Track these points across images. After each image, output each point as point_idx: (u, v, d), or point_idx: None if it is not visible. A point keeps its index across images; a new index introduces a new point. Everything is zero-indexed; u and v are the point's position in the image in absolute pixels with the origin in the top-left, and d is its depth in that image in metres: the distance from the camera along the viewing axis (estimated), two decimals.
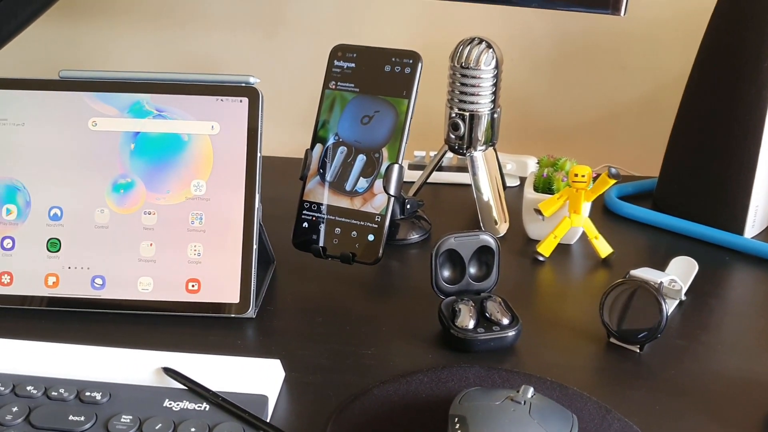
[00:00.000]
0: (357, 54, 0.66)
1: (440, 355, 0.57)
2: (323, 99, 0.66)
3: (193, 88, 0.61)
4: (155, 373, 0.51)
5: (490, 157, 0.73)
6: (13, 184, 0.61)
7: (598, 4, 0.67)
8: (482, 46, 0.69)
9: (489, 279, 0.60)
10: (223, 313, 0.60)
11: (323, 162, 0.65)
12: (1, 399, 0.49)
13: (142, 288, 0.60)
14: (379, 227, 0.63)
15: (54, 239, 0.60)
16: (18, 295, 0.60)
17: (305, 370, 0.55)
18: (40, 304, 0.60)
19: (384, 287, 0.67)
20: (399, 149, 0.63)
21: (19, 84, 0.61)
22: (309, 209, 0.65)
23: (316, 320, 0.61)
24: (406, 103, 0.63)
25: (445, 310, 0.58)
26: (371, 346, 0.58)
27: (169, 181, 0.60)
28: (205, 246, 0.60)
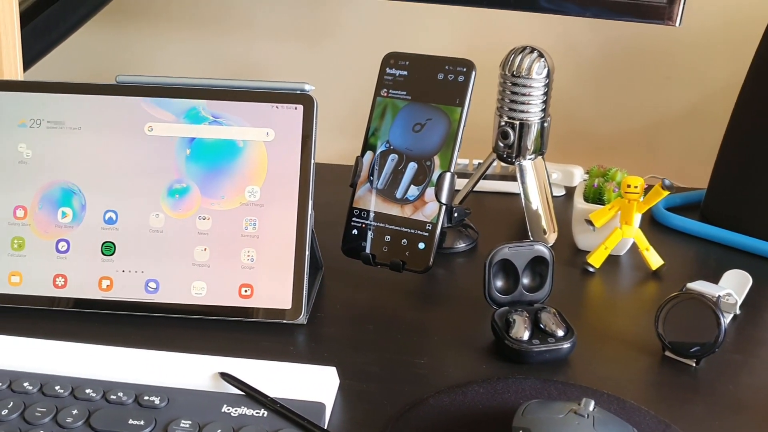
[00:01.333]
0: (409, 62, 0.65)
1: (494, 366, 0.56)
2: (374, 106, 0.66)
3: (248, 94, 0.61)
4: (212, 378, 0.51)
5: (539, 167, 0.73)
6: (69, 188, 0.61)
7: (653, 15, 0.66)
8: (534, 54, 0.69)
9: (542, 290, 0.60)
10: (275, 319, 0.60)
11: (373, 169, 0.65)
12: (61, 402, 0.49)
13: (196, 292, 0.60)
14: (430, 235, 0.62)
15: (108, 243, 0.61)
16: (72, 297, 0.60)
17: (359, 377, 0.55)
18: (93, 307, 0.60)
19: (432, 296, 0.66)
20: (451, 157, 0.63)
21: (77, 88, 0.62)
22: (358, 216, 0.65)
23: (367, 328, 0.61)
24: (459, 111, 0.63)
25: (499, 320, 0.58)
26: (423, 355, 0.57)
27: (224, 187, 0.61)
28: (258, 252, 0.60)
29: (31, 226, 0.61)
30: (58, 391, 0.50)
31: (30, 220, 0.61)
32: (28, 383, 0.50)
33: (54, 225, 0.61)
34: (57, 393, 0.49)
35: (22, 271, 0.61)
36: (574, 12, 0.69)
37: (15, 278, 0.61)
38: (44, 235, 0.61)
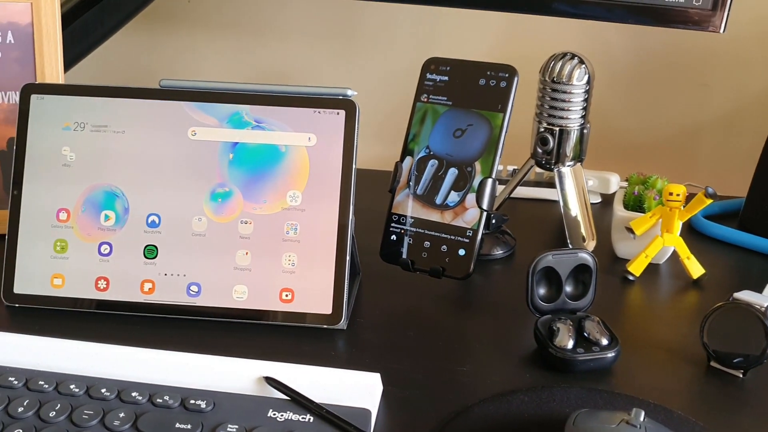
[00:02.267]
0: (450, 67, 0.65)
1: (537, 374, 0.56)
2: (414, 112, 0.66)
3: (291, 99, 0.61)
4: (257, 382, 0.51)
5: (577, 173, 0.72)
6: (112, 191, 0.62)
7: (697, 22, 0.66)
8: (575, 61, 0.69)
9: (585, 298, 0.59)
10: (316, 324, 0.60)
11: (413, 175, 0.65)
12: (108, 404, 0.49)
13: (237, 296, 0.60)
14: (471, 242, 0.62)
15: (151, 246, 0.61)
16: (114, 300, 0.61)
17: (401, 384, 0.54)
18: (135, 311, 0.61)
19: (471, 302, 0.66)
20: (493, 163, 0.62)
21: (121, 92, 0.62)
22: (397, 222, 0.65)
23: (408, 334, 0.60)
24: (501, 117, 0.63)
25: (542, 328, 0.57)
26: (465, 363, 0.57)
27: (266, 192, 0.61)
28: (299, 256, 0.60)
29: (74, 229, 0.61)
30: (104, 394, 0.50)
31: (73, 222, 0.61)
32: (74, 386, 0.50)
33: (97, 228, 0.61)
34: (103, 396, 0.50)
35: (65, 273, 0.61)
36: (616, 19, 0.68)
37: (57, 280, 0.61)
38: (87, 238, 0.61)
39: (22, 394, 0.50)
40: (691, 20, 0.66)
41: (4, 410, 0.49)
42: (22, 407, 0.49)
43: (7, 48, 0.72)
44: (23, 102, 0.62)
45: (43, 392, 0.50)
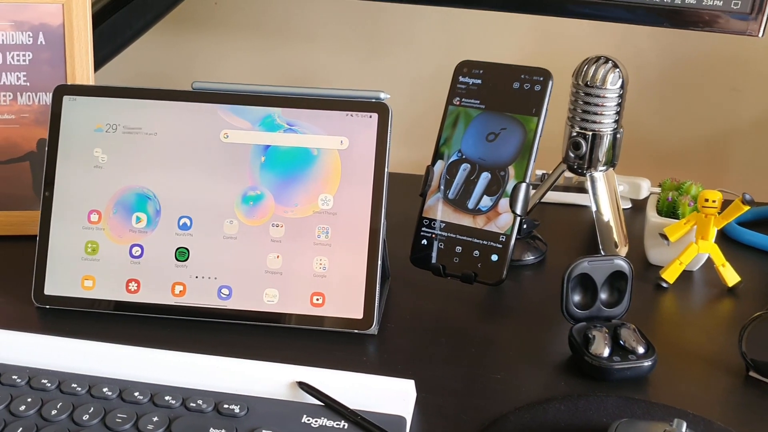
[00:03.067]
0: (483, 70, 0.65)
1: (572, 382, 0.55)
2: (446, 115, 0.65)
3: (323, 102, 0.61)
4: (290, 387, 0.51)
5: (610, 179, 0.71)
6: (144, 193, 0.61)
7: (736, 27, 0.64)
8: (609, 65, 0.68)
9: (620, 305, 0.58)
10: (346, 329, 0.59)
11: (444, 179, 0.64)
12: (141, 408, 0.49)
13: (268, 300, 0.60)
14: (504, 247, 0.61)
15: (182, 248, 0.61)
16: (145, 302, 0.60)
17: (435, 391, 0.54)
18: (166, 313, 0.60)
19: (502, 309, 0.65)
20: (527, 168, 0.62)
21: (153, 94, 0.62)
22: (428, 226, 0.64)
23: (440, 340, 0.60)
24: (536, 121, 0.62)
25: (577, 336, 0.57)
26: (499, 370, 0.56)
27: (298, 195, 0.60)
28: (330, 260, 0.60)
29: (105, 231, 0.61)
30: (137, 398, 0.49)
31: (104, 224, 0.61)
32: (107, 389, 0.50)
33: (128, 230, 0.61)
34: (136, 399, 0.49)
35: (95, 275, 0.61)
36: (650, 22, 0.67)
37: (88, 282, 0.61)
38: (118, 240, 0.61)
39: (54, 397, 0.50)
40: (729, 25, 0.65)
41: (37, 413, 0.48)
42: (56, 410, 0.48)
43: (39, 49, 0.72)
44: (55, 103, 0.62)
45: (75, 395, 0.50)
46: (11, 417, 0.48)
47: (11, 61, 0.72)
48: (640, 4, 0.67)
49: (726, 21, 0.65)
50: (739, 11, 0.64)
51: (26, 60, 0.72)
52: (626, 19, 0.68)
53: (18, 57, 0.72)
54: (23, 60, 0.72)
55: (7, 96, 0.72)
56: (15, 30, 0.72)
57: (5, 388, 0.50)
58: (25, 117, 0.72)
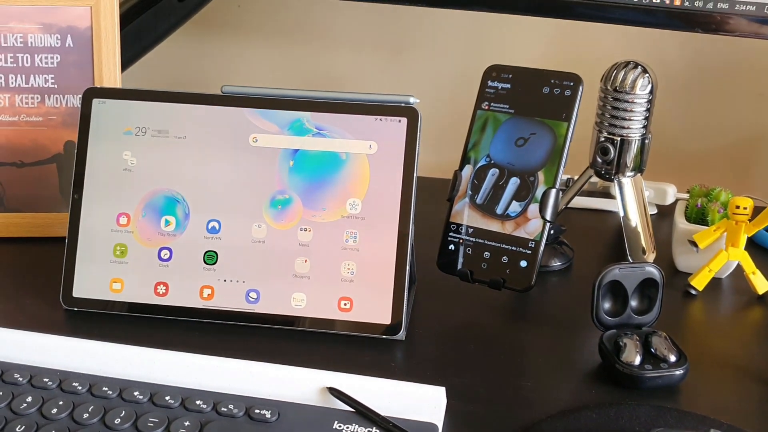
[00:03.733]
0: (512, 74, 0.64)
1: (603, 390, 0.55)
2: (474, 119, 0.65)
3: (352, 107, 0.60)
4: (320, 392, 0.51)
5: (638, 184, 0.71)
6: (173, 196, 0.61)
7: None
8: (638, 70, 0.67)
9: (650, 313, 0.58)
10: (374, 334, 0.59)
11: (472, 183, 0.64)
12: (172, 412, 0.49)
13: (296, 304, 0.60)
14: (533, 253, 0.61)
15: (211, 252, 0.61)
16: (173, 305, 0.60)
17: (464, 398, 0.53)
18: (194, 316, 0.60)
19: (530, 315, 0.65)
20: (556, 173, 0.61)
21: (183, 98, 0.62)
22: (456, 231, 0.64)
23: (468, 347, 0.59)
24: (566, 126, 0.61)
25: (608, 343, 0.56)
26: (529, 378, 0.56)
27: (326, 199, 0.60)
28: (358, 265, 0.60)
29: (134, 234, 0.61)
30: (168, 402, 0.49)
31: (133, 227, 0.61)
32: (137, 392, 0.50)
33: (157, 233, 0.61)
34: (168, 403, 0.49)
35: (124, 278, 0.61)
36: (681, 27, 0.67)
37: (116, 285, 0.61)
38: (147, 243, 0.61)
39: (85, 400, 0.50)
40: (762, 30, 0.64)
41: (69, 416, 0.49)
42: (87, 413, 0.48)
43: (66, 52, 0.72)
44: (85, 106, 0.62)
45: (106, 398, 0.50)
46: (43, 420, 0.48)
47: (39, 63, 0.72)
48: (672, 9, 0.66)
49: (758, 26, 0.65)
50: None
51: (54, 62, 0.72)
52: (657, 24, 0.68)
53: (46, 59, 0.72)
54: (51, 62, 0.72)
55: (35, 98, 0.72)
56: (43, 32, 0.72)
57: (37, 391, 0.50)
58: (52, 119, 0.73)
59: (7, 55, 0.72)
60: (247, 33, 1.00)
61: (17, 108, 0.72)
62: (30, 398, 0.50)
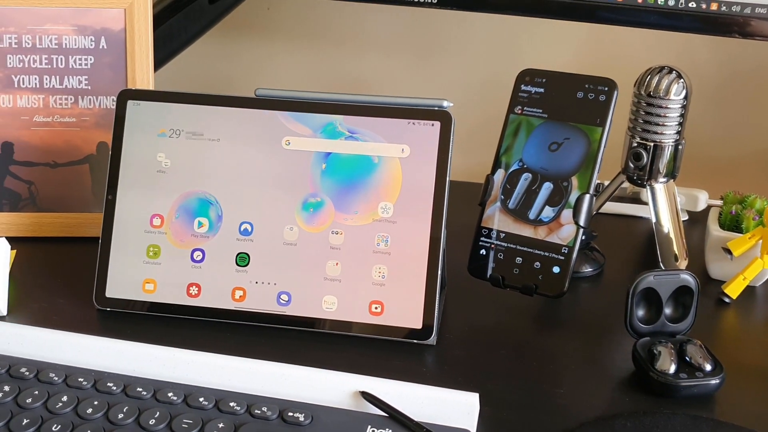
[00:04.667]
0: (546, 79, 0.64)
1: (637, 398, 0.54)
2: (507, 123, 0.65)
3: (385, 110, 0.60)
4: (353, 396, 0.51)
5: (670, 190, 0.70)
6: (206, 198, 0.62)
7: None
8: (672, 75, 0.67)
9: (685, 321, 0.57)
10: (405, 338, 0.59)
11: (505, 188, 0.64)
12: (206, 414, 0.49)
13: (327, 307, 0.60)
14: (566, 259, 0.60)
15: (243, 254, 0.61)
16: (205, 307, 0.61)
17: (497, 405, 0.53)
18: (226, 317, 0.61)
19: (561, 321, 0.64)
20: (590, 179, 0.61)
21: (217, 100, 0.62)
22: (487, 236, 0.64)
23: (499, 353, 0.59)
24: (600, 131, 0.61)
25: (642, 351, 0.56)
26: (562, 385, 0.56)
27: (358, 202, 0.60)
28: (389, 269, 0.59)
29: (167, 235, 0.62)
30: (202, 403, 0.50)
31: (166, 228, 0.62)
32: (172, 393, 0.50)
33: (190, 234, 0.61)
34: (202, 405, 0.50)
35: (157, 279, 0.61)
36: (717, 32, 0.66)
37: (149, 286, 0.62)
38: (180, 244, 0.61)
39: (120, 401, 0.50)
40: None
41: (104, 416, 0.49)
42: (122, 414, 0.49)
43: (100, 53, 0.73)
44: (119, 107, 0.63)
45: (141, 399, 0.50)
46: (79, 419, 0.49)
47: (73, 64, 0.73)
48: (709, 14, 0.66)
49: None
50: None
51: (88, 64, 0.73)
52: (693, 29, 0.67)
53: (80, 61, 0.73)
54: (85, 64, 0.73)
55: (69, 99, 0.73)
56: (78, 34, 0.73)
57: (72, 391, 0.51)
58: (85, 120, 0.73)
59: (41, 57, 0.73)
60: (276, 35, 1.00)
61: (51, 109, 0.73)
62: (65, 398, 0.50)
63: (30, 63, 0.73)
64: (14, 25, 0.72)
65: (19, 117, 0.73)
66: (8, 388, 0.51)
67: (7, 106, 0.73)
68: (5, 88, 0.73)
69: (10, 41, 0.72)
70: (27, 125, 0.73)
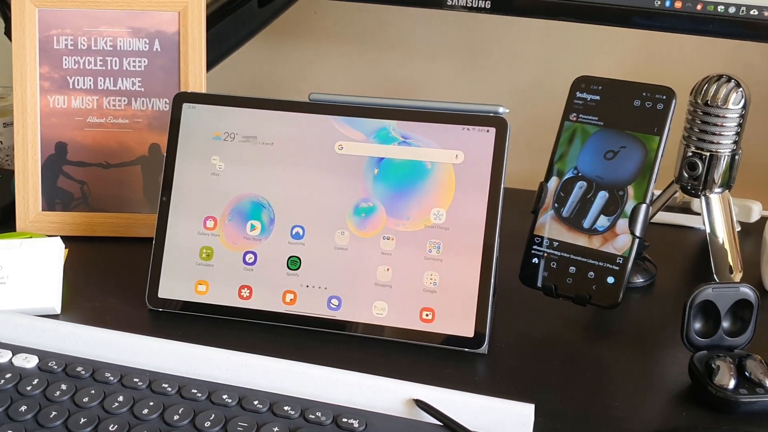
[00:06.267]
0: (602, 86, 0.63)
1: (694, 413, 0.53)
2: (561, 130, 0.64)
3: (440, 116, 0.60)
4: (406, 404, 0.50)
5: (725, 201, 0.69)
6: (259, 201, 0.62)
7: None
8: (731, 84, 0.65)
9: (743, 335, 0.56)
10: (456, 347, 0.58)
11: (559, 196, 0.63)
12: (260, 417, 0.49)
13: (377, 312, 0.60)
14: (621, 269, 0.60)
15: (294, 257, 0.61)
16: (256, 309, 0.61)
17: (551, 416, 0.52)
18: (276, 320, 0.61)
19: (613, 332, 0.63)
20: (647, 188, 0.60)
21: (271, 104, 0.62)
22: (540, 244, 0.63)
23: (552, 363, 0.58)
24: (657, 140, 0.60)
25: (699, 365, 0.55)
26: (616, 397, 0.55)
27: (410, 208, 0.60)
28: (441, 276, 0.59)
29: (220, 237, 0.62)
30: (257, 407, 0.50)
31: (219, 231, 0.62)
32: (226, 396, 0.51)
33: (242, 237, 0.62)
34: (256, 408, 0.50)
35: (209, 280, 0.62)
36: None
37: (201, 287, 0.62)
38: (233, 247, 0.62)
39: (175, 402, 0.50)
40: None
41: (159, 417, 0.49)
42: (177, 415, 0.49)
43: (154, 56, 0.74)
44: (175, 110, 0.63)
45: (195, 401, 0.50)
46: (135, 420, 0.49)
47: (127, 66, 0.74)
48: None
49: None
50: None
51: (142, 66, 0.74)
52: (751, 36, 0.66)
53: (134, 63, 0.74)
54: (139, 66, 0.74)
55: (122, 101, 0.74)
56: (132, 36, 0.73)
57: (128, 391, 0.51)
58: (138, 122, 0.74)
59: (96, 58, 0.74)
60: (322, 39, 1.01)
61: (105, 110, 0.74)
62: (121, 398, 0.50)
63: (85, 64, 0.74)
64: (70, 27, 0.73)
65: (73, 118, 0.74)
66: (65, 386, 0.51)
67: (61, 107, 0.74)
68: (60, 89, 0.74)
69: (66, 43, 0.73)
70: (81, 126, 0.74)
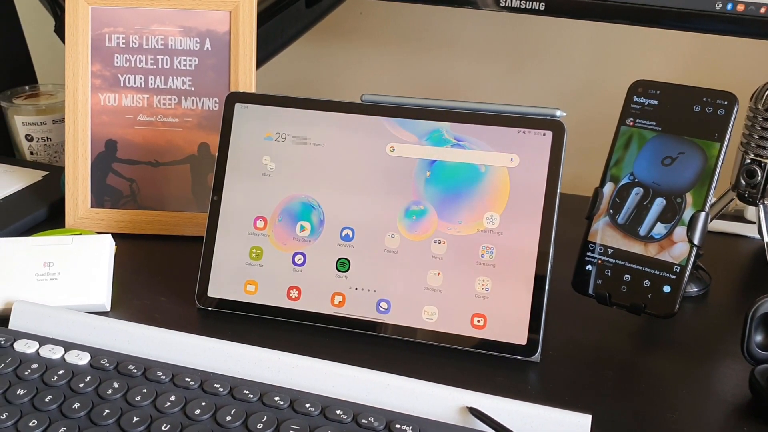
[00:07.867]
0: (660, 91, 0.62)
1: (755, 427, 0.51)
2: (618, 135, 0.63)
3: (494, 118, 0.59)
4: (458, 411, 0.50)
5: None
6: (309, 202, 0.62)
7: None
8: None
9: None
10: (508, 354, 0.57)
11: (614, 202, 0.62)
12: (312, 421, 0.49)
13: (427, 317, 0.59)
14: (678, 279, 0.58)
15: (344, 259, 0.61)
16: (305, 310, 0.61)
17: (608, 427, 0.51)
18: (325, 322, 0.60)
19: (668, 342, 0.62)
20: (706, 196, 0.58)
21: (323, 105, 0.62)
22: (594, 251, 0.62)
23: (606, 373, 0.57)
24: (718, 147, 0.59)
25: (761, 378, 0.53)
26: (674, 409, 0.53)
27: (462, 212, 0.59)
28: (494, 281, 0.58)
29: (270, 237, 0.62)
30: (309, 410, 0.49)
31: (269, 231, 0.62)
32: (278, 398, 0.50)
33: (292, 238, 0.61)
34: (308, 411, 0.49)
35: (258, 280, 0.62)
36: None
37: (251, 287, 0.62)
38: (282, 247, 0.62)
39: (227, 403, 0.50)
40: None
41: (212, 417, 0.49)
42: (230, 416, 0.49)
43: (204, 55, 0.74)
44: (227, 110, 0.63)
45: (247, 402, 0.50)
46: (187, 420, 0.49)
47: (178, 65, 0.74)
48: None
49: None
50: None
51: (192, 65, 0.74)
52: None
53: (185, 62, 0.74)
54: (189, 65, 0.74)
55: (173, 99, 0.74)
56: (183, 36, 0.74)
57: (180, 390, 0.51)
58: (188, 120, 0.74)
59: (147, 57, 0.74)
60: (367, 40, 1.00)
61: (155, 109, 0.74)
62: (173, 397, 0.50)
63: (136, 63, 0.74)
64: (122, 25, 0.74)
65: (124, 116, 0.75)
66: (117, 384, 0.52)
67: (112, 105, 0.74)
68: (111, 87, 0.74)
69: (118, 41, 0.74)
70: (131, 124, 0.75)
